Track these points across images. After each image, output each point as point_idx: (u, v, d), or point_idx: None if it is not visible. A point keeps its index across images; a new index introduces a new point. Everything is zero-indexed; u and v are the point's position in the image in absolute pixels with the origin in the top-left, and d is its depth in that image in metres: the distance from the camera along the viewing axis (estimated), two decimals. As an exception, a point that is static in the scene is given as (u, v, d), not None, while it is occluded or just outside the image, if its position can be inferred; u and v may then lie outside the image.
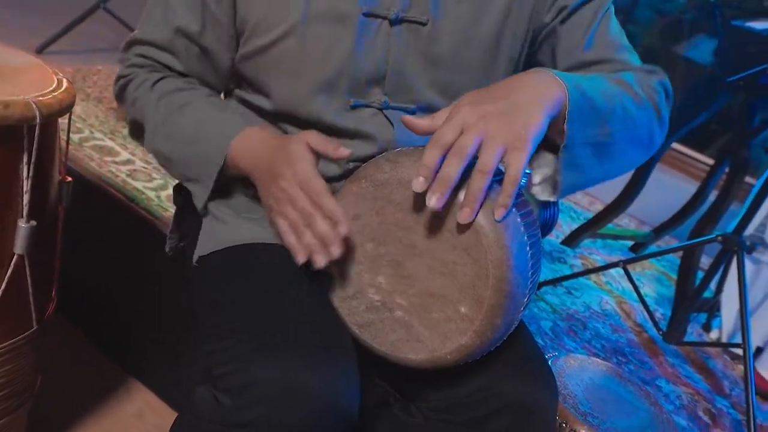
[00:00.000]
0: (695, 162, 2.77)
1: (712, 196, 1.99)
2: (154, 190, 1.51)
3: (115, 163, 1.60)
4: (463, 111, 0.69)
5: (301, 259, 0.76)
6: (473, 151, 0.68)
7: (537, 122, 0.70)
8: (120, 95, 0.95)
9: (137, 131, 0.94)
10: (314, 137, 0.79)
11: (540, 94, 0.72)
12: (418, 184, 0.68)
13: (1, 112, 0.76)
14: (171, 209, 1.40)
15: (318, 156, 0.78)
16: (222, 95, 0.99)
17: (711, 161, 2.23)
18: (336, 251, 0.74)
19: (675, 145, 2.60)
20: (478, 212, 0.69)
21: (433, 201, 0.68)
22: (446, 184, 0.68)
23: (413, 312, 0.76)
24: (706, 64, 2.53)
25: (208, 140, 0.87)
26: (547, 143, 0.77)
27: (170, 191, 1.49)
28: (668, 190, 2.37)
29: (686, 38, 2.97)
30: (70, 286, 1.09)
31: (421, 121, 0.73)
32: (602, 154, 0.80)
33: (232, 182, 0.90)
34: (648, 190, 2.08)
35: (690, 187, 2.17)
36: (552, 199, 0.78)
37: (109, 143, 1.71)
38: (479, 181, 0.68)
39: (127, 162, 1.63)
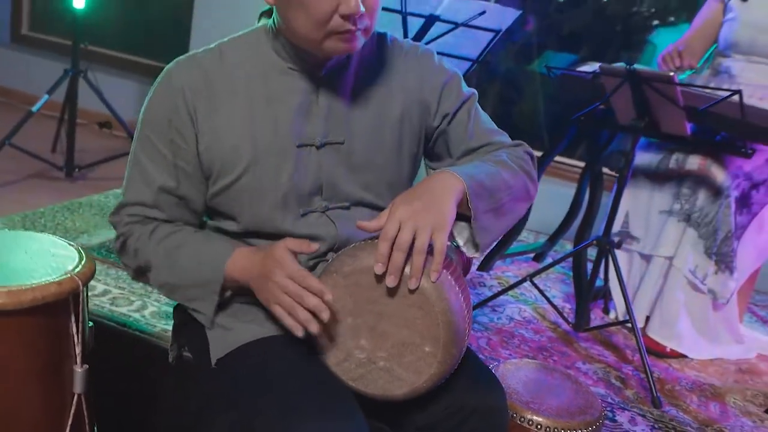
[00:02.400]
0: (571, 168, 3.11)
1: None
2: (138, 311, 1.67)
3: (95, 296, 1.73)
4: (399, 211, 0.99)
5: (299, 333, 1.01)
6: (410, 242, 0.99)
7: (449, 209, 1.02)
8: (122, 249, 1.16)
9: (142, 273, 1.17)
10: (290, 242, 1.05)
11: (447, 189, 1.04)
12: (379, 269, 0.98)
13: (56, 290, 0.99)
14: (158, 325, 1.59)
15: (295, 255, 1.05)
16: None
17: (583, 164, 2.45)
18: (325, 316, 0.98)
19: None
20: (421, 279, 1.00)
21: (391, 281, 0.99)
22: (398, 269, 0.99)
23: (392, 359, 1.03)
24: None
25: (207, 265, 1.10)
26: (459, 216, 1.10)
27: (151, 309, 1.70)
28: (554, 197, 2.61)
29: (536, 56, 3.50)
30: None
31: (370, 224, 1.03)
32: (498, 215, 1.13)
33: (229, 295, 1.15)
34: (538, 203, 2.42)
35: (572, 191, 2.38)
36: (478, 256, 1.10)
37: (81, 279, 1.87)
38: (419, 259, 0.99)
39: (105, 293, 1.76)
